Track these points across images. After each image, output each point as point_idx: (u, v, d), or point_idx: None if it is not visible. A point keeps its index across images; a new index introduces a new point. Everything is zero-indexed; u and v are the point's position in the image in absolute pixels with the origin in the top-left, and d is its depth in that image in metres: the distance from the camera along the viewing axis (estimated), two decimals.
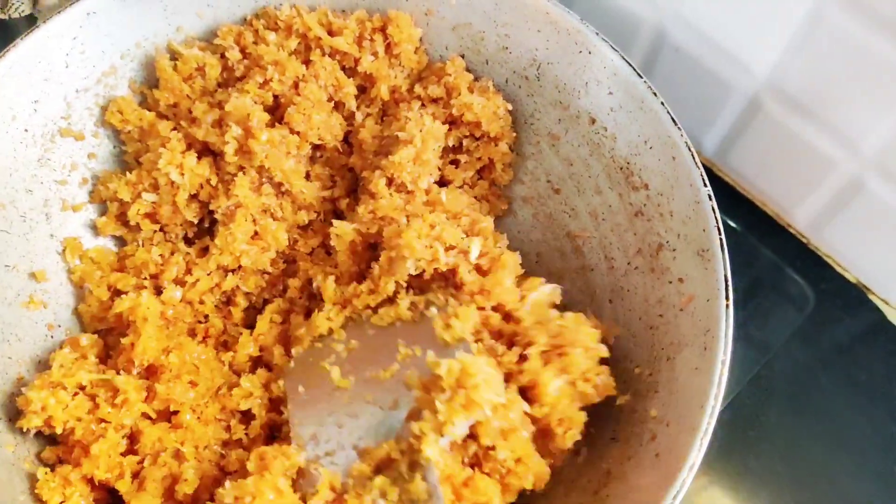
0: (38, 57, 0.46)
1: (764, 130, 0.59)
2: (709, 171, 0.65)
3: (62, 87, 0.48)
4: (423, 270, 0.45)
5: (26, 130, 0.47)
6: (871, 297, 0.61)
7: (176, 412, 0.46)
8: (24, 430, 0.43)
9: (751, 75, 0.56)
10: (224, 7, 0.52)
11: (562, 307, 0.47)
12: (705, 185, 0.44)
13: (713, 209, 0.43)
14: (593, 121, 0.50)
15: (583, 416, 0.43)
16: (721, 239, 0.42)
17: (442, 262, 0.45)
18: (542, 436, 0.43)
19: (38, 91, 0.47)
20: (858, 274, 0.62)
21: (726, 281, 0.41)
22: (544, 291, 0.46)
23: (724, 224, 0.61)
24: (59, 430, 0.43)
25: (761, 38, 0.54)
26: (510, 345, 0.44)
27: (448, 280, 0.47)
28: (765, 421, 0.56)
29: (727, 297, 0.41)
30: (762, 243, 0.63)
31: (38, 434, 0.45)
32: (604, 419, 0.44)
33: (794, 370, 0.58)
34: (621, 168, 0.49)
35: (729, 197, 0.65)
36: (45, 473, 0.43)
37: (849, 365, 0.59)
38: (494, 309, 0.46)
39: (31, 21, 0.47)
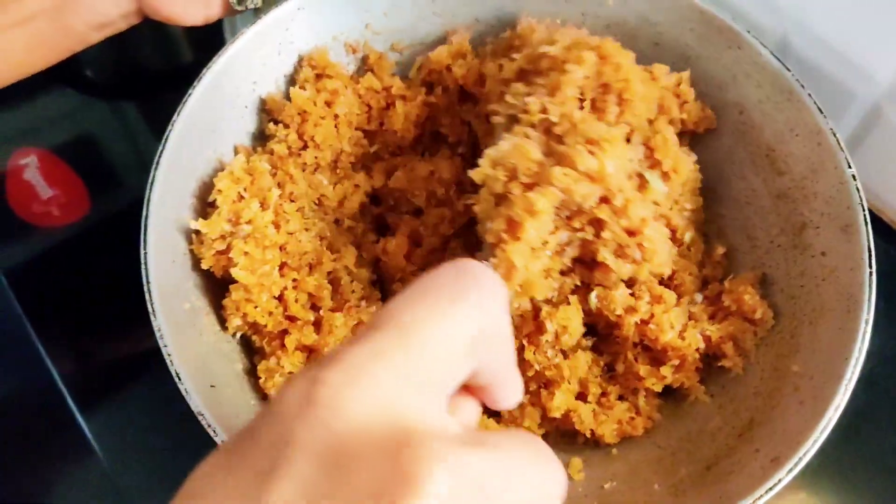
0: (259, 45, 0.54)
1: (885, 137, 0.62)
2: None
3: (274, 72, 0.56)
4: None
5: (246, 107, 0.55)
6: None
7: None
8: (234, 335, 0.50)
9: (873, 82, 0.59)
10: (406, 8, 0.59)
11: None
12: (850, 167, 0.48)
13: (857, 189, 0.47)
14: (741, 112, 0.54)
15: None
16: (865, 214, 0.46)
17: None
18: None
19: (257, 74, 0.55)
20: None
21: (870, 252, 0.45)
22: None
23: None
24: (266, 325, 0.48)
25: (884, 45, 0.57)
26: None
27: None
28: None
29: (870, 266, 0.45)
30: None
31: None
32: (742, 379, 0.49)
33: None
34: (766, 155, 0.53)
35: None
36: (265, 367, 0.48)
37: None
38: None
39: (257, 12, 0.55)
